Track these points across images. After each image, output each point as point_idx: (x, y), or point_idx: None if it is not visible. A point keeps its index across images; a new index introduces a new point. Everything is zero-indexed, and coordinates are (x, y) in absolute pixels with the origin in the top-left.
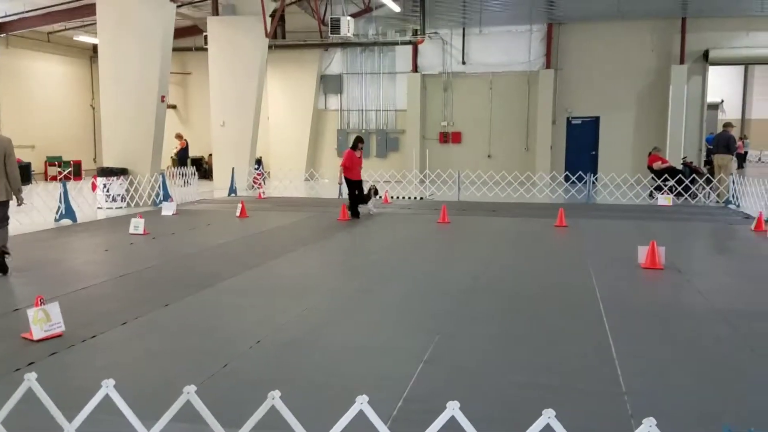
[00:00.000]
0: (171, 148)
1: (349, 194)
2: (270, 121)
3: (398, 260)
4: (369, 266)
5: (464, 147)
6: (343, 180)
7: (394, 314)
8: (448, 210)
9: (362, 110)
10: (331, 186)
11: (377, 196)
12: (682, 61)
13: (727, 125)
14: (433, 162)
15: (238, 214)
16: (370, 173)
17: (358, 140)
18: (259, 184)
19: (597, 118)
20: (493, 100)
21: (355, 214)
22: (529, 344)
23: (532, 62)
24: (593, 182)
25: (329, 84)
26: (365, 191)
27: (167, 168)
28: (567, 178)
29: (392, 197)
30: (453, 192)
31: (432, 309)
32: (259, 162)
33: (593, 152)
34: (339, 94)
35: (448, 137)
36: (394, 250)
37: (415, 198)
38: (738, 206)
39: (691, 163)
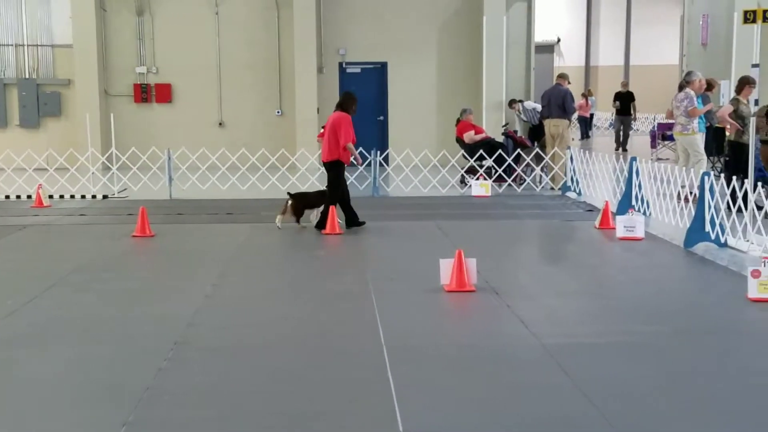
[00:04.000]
0: None
1: (335, 187)
2: None
3: (56, 305)
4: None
5: (178, 109)
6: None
7: (50, 395)
8: (150, 215)
9: None
10: None
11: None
12: None
13: (561, 77)
14: (124, 134)
15: None
16: (8, 154)
17: (354, 99)
18: None
19: (384, 65)
20: (223, 31)
21: (354, 219)
22: (274, 420)
23: None
24: (381, 165)
25: None
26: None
27: None
28: None
29: (51, 196)
30: (160, 185)
31: (115, 381)
32: None
33: (380, 117)
34: None
35: (150, 93)
36: (52, 287)
37: (95, 197)
38: (579, 194)
39: (515, 132)
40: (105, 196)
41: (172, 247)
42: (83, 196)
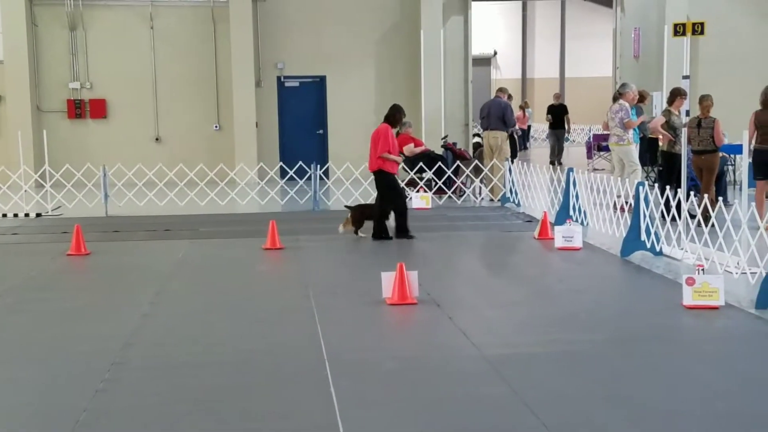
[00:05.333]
0: None
1: (393, 196)
2: None
3: None
4: None
5: (113, 125)
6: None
7: None
8: (86, 233)
9: None
10: None
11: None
12: None
13: (501, 91)
14: (58, 151)
15: None
16: None
17: (397, 110)
18: None
19: (323, 79)
20: (158, 47)
21: (402, 231)
22: None
23: None
24: (321, 178)
25: None
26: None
27: None
28: (283, 173)
29: None
30: (96, 202)
31: (51, 403)
32: None
33: (320, 131)
34: None
35: (84, 109)
36: None
37: (28, 215)
38: (518, 205)
39: (455, 145)
40: (38, 215)
41: (109, 265)
42: (16, 215)
